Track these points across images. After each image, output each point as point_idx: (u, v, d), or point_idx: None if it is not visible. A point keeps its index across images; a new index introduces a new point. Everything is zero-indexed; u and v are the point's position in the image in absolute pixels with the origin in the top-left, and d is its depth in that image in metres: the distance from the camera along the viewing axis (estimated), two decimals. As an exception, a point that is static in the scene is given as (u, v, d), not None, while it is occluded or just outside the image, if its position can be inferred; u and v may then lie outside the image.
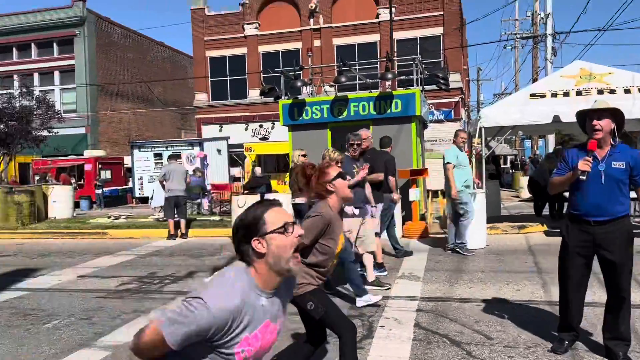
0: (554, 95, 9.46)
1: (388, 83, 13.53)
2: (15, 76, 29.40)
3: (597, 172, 3.63)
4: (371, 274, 6.27)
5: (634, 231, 3.79)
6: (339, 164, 5.24)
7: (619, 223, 3.66)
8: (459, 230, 8.30)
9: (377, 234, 7.04)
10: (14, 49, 30.72)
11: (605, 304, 3.86)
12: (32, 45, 30.37)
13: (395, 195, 7.88)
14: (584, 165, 3.52)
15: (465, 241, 8.28)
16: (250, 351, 1.87)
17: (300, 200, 8.57)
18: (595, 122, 3.63)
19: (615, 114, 3.68)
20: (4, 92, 20.71)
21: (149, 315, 2.02)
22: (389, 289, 6.13)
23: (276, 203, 1.93)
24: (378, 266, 6.81)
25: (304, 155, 8.98)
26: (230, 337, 1.80)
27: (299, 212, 7.79)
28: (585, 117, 3.76)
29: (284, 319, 2.07)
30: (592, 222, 3.70)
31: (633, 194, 3.73)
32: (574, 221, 3.82)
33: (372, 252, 6.33)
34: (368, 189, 6.61)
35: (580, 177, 3.57)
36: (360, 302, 5.41)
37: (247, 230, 1.85)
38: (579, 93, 9.29)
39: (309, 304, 3.16)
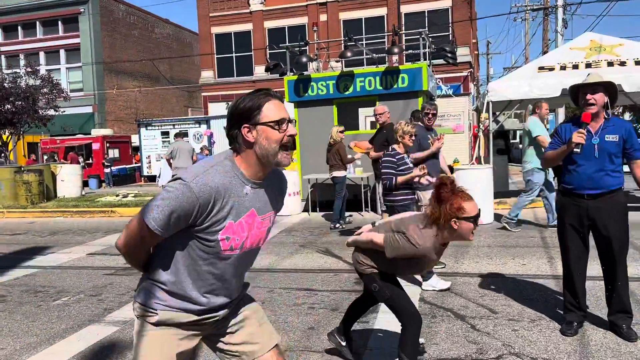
0: (563, 68, 9.32)
1: (395, 58, 13.37)
2: (21, 55, 29.40)
3: (591, 145, 3.62)
4: None
5: (629, 205, 3.78)
6: (412, 137, 5.15)
7: (613, 196, 3.65)
8: (516, 205, 8.07)
9: None
10: (19, 28, 30.64)
11: (603, 278, 3.86)
12: (37, 23, 30.27)
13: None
14: (578, 137, 3.50)
15: (514, 218, 8.05)
16: (235, 241, 1.82)
17: (338, 173, 8.67)
18: (589, 96, 3.60)
19: (608, 88, 3.66)
20: (10, 71, 20.72)
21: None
22: (444, 267, 6.04)
23: (276, 96, 1.85)
24: None
25: (341, 132, 8.98)
26: (214, 221, 1.75)
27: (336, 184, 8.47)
28: (578, 92, 3.73)
29: (273, 217, 1.98)
30: (585, 196, 3.69)
31: (626, 168, 3.69)
32: (567, 195, 3.81)
33: None
34: (443, 160, 6.53)
35: (575, 149, 3.56)
36: (425, 285, 5.16)
37: (241, 116, 1.79)
38: (588, 65, 9.14)
39: (374, 285, 3.07)
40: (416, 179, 5.12)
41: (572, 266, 3.84)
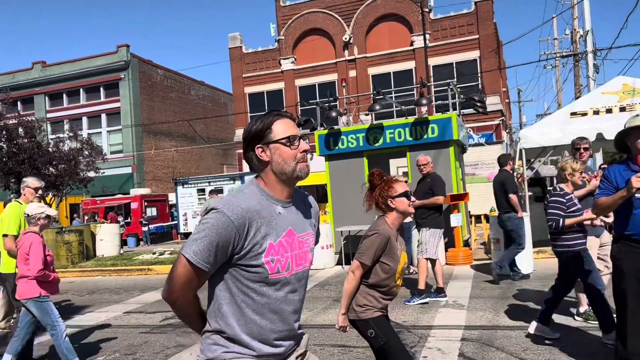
0: (596, 112, 9.20)
1: (424, 109, 13.48)
2: (65, 121, 30.87)
3: None
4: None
5: None
6: (582, 174, 4.85)
7: None
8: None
9: (432, 260, 7.00)
10: (64, 95, 32.33)
11: None
12: (81, 90, 31.90)
13: (520, 213, 7.94)
14: (638, 182, 3.32)
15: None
16: (280, 262, 1.77)
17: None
18: None
19: None
20: (54, 136, 21.72)
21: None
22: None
23: (286, 115, 1.88)
24: (439, 291, 6.96)
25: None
26: (254, 243, 1.72)
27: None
28: (625, 136, 3.61)
29: (312, 239, 1.95)
30: None
31: None
32: (626, 243, 3.61)
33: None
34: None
35: (636, 195, 3.39)
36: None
37: (253, 138, 1.82)
38: (622, 109, 9.01)
39: (369, 332, 3.06)
40: (588, 222, 4.82)
41: (628, 321, 3.55)
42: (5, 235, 5.35)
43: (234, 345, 1.77)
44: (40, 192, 5.52)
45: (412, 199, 3.17)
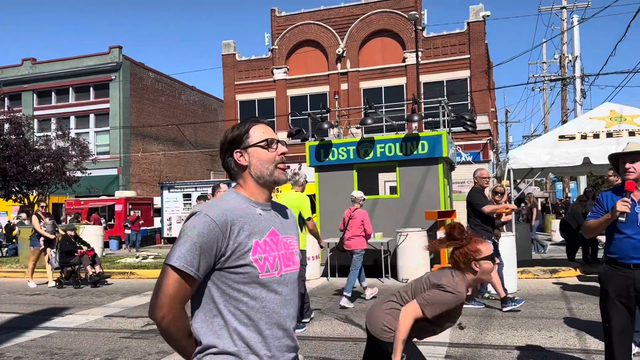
0: (584, 137, 9.35)
1: (414, 125, 13.59)
2: (52, 119, 30.57)
3: (634, 214, 3.55)
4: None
5: None
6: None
7: None
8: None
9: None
10: (53, 94, 32.04)
11: None
12: (70, 89, 31.64)
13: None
14: (622, 206, 3.42)
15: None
16: (269, 260, 1.72)
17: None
18: (628, 165, 3.57)
19: None
20: (42, 134, 21.51)
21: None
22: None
23: (263, 121, 1.89)
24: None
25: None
26: (239, 242, 1.67)
27: None
28: (618, 160, 3.71)
29: (296, 243, 1.90)
30: (631, 265, 3.58)
31: None
32: (612, 265, 3.69)
33: None
34: None
35: (619, 218, 3.47)
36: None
37: (231, 144, 1.84)
38: (609, 135, 9.17)
39: (402, 355, 2.91)
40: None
41: (614, 341, 3.62)
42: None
43: (227, 357, 1.64)
44: None
45: (497, 260, 3.03)
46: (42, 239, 11.34)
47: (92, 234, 16.42)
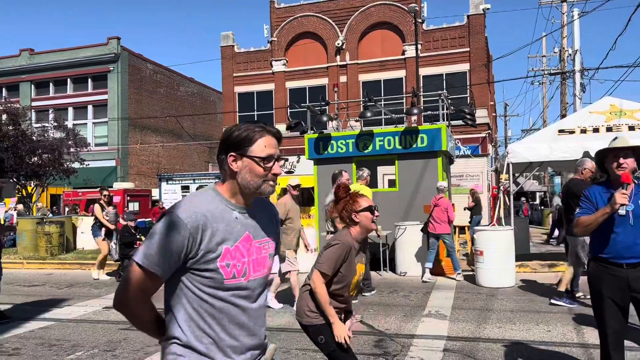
0: (583, 131, 9.34)
1: (414, 118, 13.56)
2: (50, 110, 30.45)
3: (627, 212, 3.47)
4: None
5: None
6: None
7: None
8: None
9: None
10: (51, 84, 31.90)
11: None
12: (68, 80, 31.50)
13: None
14: (622, 198, 3.29)
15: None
16: (237, 267, 1.74)
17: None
18: (621, 160, 3.50)
19: (637, 152, 3.57)
20: (39, 125, 21.45)
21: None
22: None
23: (272, 131, 1.83)
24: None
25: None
26: (209, 248, 1.68)
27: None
28: (606, 155, 3.63)
29: (272, 245, 1.91)
30: (624, 265, 3.52)
31: None
32: (601, 265, 3.60)
33: None
34: None
35: (620, 211, 3.36)
36: None
37: (231, 144, 1.79)
38: (609, 129, 9.16)
39: (320, 338, 3.09)
40: None
41: (610, 341, 3.57)
42: None
43: (192, 353, 1.72)
44: None
45: (376, 213, 3.21)
46: (103, 229, 10.82)
47: (90, 226, 16.38)
